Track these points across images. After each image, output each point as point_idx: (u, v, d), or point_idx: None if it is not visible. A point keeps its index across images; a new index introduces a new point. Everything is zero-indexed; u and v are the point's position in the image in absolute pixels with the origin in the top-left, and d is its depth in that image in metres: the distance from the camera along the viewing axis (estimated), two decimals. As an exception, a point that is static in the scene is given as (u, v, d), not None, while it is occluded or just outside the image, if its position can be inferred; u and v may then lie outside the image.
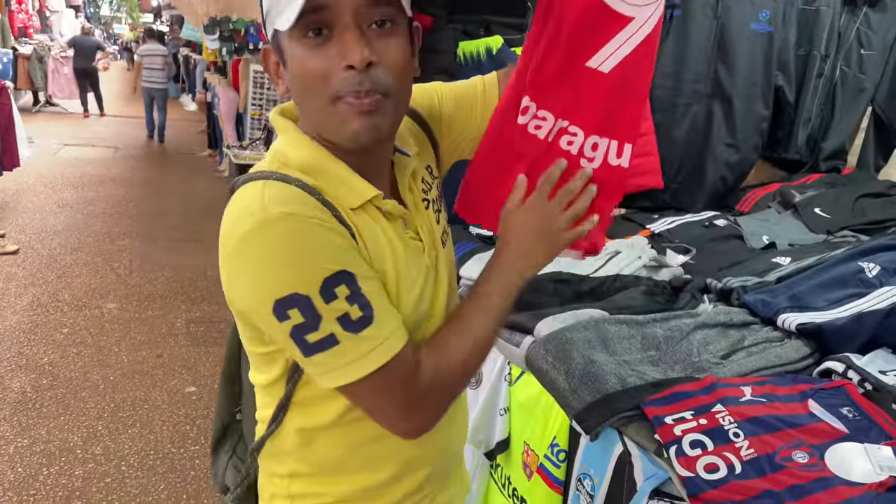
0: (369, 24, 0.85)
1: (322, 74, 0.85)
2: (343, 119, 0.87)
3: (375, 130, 0.88)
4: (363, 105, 0.86)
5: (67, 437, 3.14)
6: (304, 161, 0.92)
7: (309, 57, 0.85)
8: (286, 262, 0.82)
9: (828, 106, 2.78)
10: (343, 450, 1.02)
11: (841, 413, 1.24)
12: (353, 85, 0.84)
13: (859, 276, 1.69)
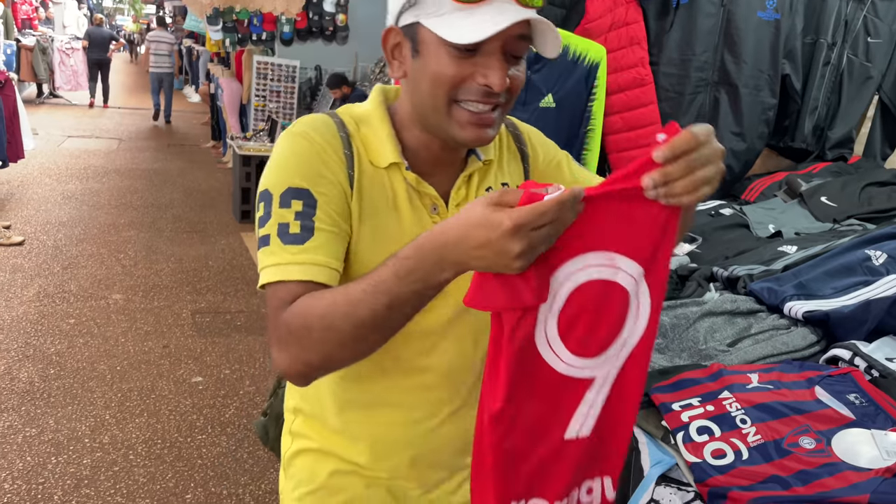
0: (510, 54, 0.94)
1: (456, 81, 0.93)
2: (460, 123, 0.96)
3: (485, 139, 0.98)
4: (482, 119, 0.95)
5: (75, 427, 3.15)
6: (361, 113, 1.05)
7: (452, 64, 0.92)
8: (275, 164, 0.97)
9: (834, 94, 2.77)
10: (330, 403, 1.11)
11: (848, 399, 1.24)
12: (480, 97, 0.93)
13: (866, 263, 1.69)
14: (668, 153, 0.76)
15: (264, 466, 2.99)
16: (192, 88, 15.60)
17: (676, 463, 1.20)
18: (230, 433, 3.21)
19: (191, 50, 14.75)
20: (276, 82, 8.54)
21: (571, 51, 2.27)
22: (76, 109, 12.79)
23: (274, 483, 2.89)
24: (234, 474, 2.92)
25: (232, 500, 2.77)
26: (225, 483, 2.86)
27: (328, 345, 0.87)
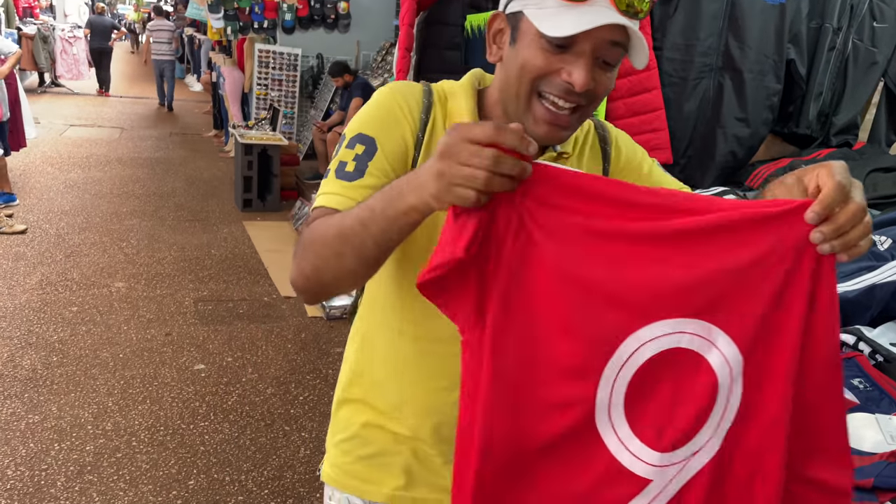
0: (601, 59, 0.96)
1: (542, 73, 0.97)
2: (536, 118, 0.99)
3: (557, 138, 1.02)
4: (559, 118, 0.98)
5: (78, 414, 3.16)
6: (451, 88, 1.12)
7: (542, 56, 0.96)
8: (358, 114, 1.07)
9: (839, 80, 2.75)
10: (375, 355, 1.18)
11: (852, 384, 1.23)
12: (563, 93, 0.96)
13: (871, 249, 1.68)
14: (821, 211, 0.74)
15: (267, 453, 3.00)
16: (194, 77, 15.55)
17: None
18: (233, 420, 3.22)
19: (192, 38, 14.70)
20: (277, 71, 8.52)
21: (574, 35, 2.26)
22: (78, 98, 12.77)
23: (276, 469, 2.90)
24: (237, 461, 2.93)
25: (234, 486, 2.78)
26: (227, 469, 2.87)
27: (316, 256, 0.96)
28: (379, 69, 8.35)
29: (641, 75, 2.42)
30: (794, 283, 0.76)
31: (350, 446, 1.20)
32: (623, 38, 0.96)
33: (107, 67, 13.41)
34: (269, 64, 8.48)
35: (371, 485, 1.18)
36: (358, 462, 1.19)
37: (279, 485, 2.81)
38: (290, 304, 4.61)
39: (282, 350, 3.95)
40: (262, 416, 3.28)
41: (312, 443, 3.10)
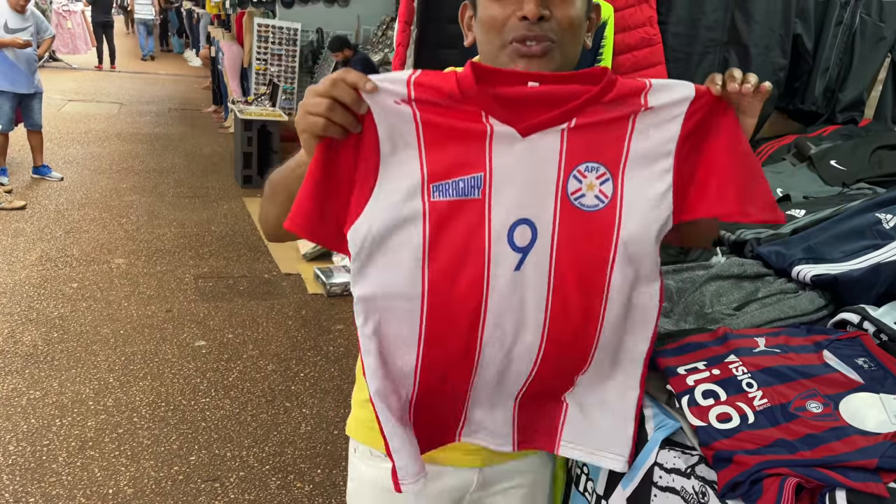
0: None
1: (501, 21, 1.03)
2: (511, 59, 1.03)
3: (538, 70, 1.02)
4: (531, 50, 1.02)
5: (79, 390, 3.17)
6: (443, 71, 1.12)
7: (494, 7, 1.04)
8: None
9: (846, 55, 2.71)
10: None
11: (856, 363, 1.22)
12: (522, 30, 1.01)
13: (876, 227, 1.66)
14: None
15: (268, 429, 3.01)
16: (193, 52, 15.41)
17: (681, 427, 1.19)
18: (234, 396, 3.23)
19: (191, 13, 14.55)
20: (277, 45, 8.43)
21: (578, 9, 2.21)
22: (76, 73, 12.67)
23: (277, 445, 2.91)
24: (238, 437, 2.94)
25: (236, 461, 2.79)
26: (229, 445, 2.88)
27: (263, 204, 1.15)
28: (379, 44, 8.26)
29: (646, 50, 2.38)
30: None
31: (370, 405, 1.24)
32: None
33: (111, 40, 13.40)
34: (269, 39, 8.39)
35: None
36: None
37: (280, 461, 2.82)
38: (291, 280, 4.60)
39: (282, 327, 3.95)
40: (262, 392, 3.29)
41: (313, 419, 3.11)
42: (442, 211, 0.94)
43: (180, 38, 17.84)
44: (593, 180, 0.96)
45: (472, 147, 0.93)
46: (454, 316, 0.99)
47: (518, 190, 0.95)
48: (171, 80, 13.09)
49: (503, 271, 0.97)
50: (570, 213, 0.96)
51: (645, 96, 0.95)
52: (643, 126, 0.95)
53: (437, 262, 0.96)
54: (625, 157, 0.96)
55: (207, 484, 2.65)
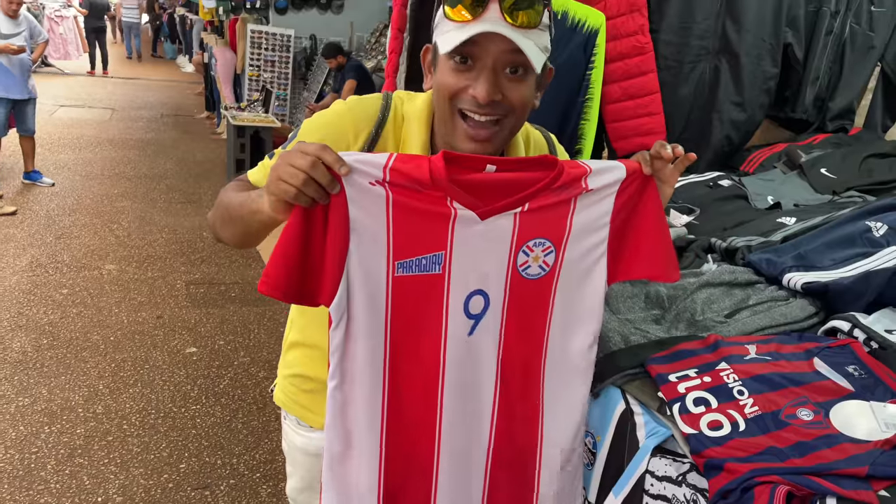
0: (504, 68, 1.07)
1: (454, 91, 1.09)
2: (461, 137, 1.11)
3: (483, 153, 1.10)
4: (478, 133, 1.09)
5: (69, 397, 3.15)
6: (410, 110, 1.21)
7: (452, 76, 1.09)
8: (307, 123, 1.21)
9: (836, 64, 2.72)
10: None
11: (847, 371, 1.23)
12: (474, 107, 1.08)
13: (866, 235, 1.67)
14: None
15: (259, 436, 2.99)
16: (186, 58, 15.40)
17: (672, 434, 1.19)
18: (224, 403, 3.21)
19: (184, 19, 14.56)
20: (270, 52, 8.43)
21: (570, 17, 2.22)
22: (68, 78, 12.63)
23: (268, 453, 2.89)
24: (229, 444, 2.92)
25: (226, 469, 2.77)
26: (219, 453, 2.86)
27: (214, 215, 1.20)
28: (373, 51, 8.27)
29: (637, 59, 2.39)
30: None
31: (296, 381, 1.40)
32: (520, 50, 1.04)
33: (103, 45, 13.42)
34: (262, 45, 8.39)
35: (312, 413, 1.38)
36: (302, 394, 1.39)
37: (271, 468, 2.81)
38: (283, 287, 4.59)
39: (274, 333, 3.93)
40: (254, 399, 3.27)
41: (304, 426, 3.10)
42: (404, 285, 1.05)
43: (173, 43, 17.83)
44: (539, 253, 1.09)
45: (436, 228, 1.04)
46: (414, 377, 1.10)
47: (474, 266, 1.07)
48: (163, 86, 13.07)
49: (458, 337, 1.09)
50: (517, 283, 1.10)
51: (585, 180, 1.07)
52: (583, 205, 1.09)
53: (397, 331, 1.07)
54: (567, 232, 1.09)
55: (197, 492, 2.63)
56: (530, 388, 1.17)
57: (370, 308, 1.05)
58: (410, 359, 1.09)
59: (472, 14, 1.04)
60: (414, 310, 1.07)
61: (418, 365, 1.10)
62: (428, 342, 1.09)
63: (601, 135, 2.50)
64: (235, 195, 1.13)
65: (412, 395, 1.11)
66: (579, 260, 1.12)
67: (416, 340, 1.09)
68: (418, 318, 1.08)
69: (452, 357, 1.10)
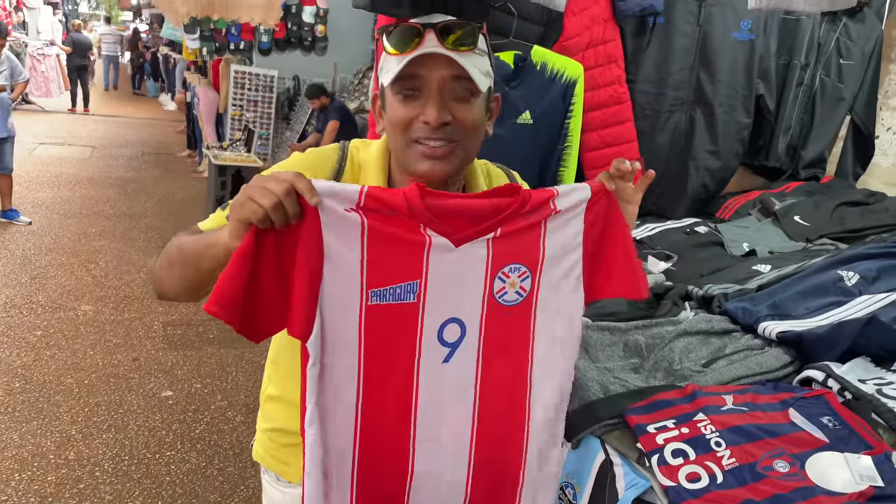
0: (450, 92, 1.11)
1: (406, 122, 1.12)
2: (417, 158, 1.13)
3: (441, 171, 1.14)
4: (434, 152, 1.12)
5: (40, 442, 3.07)
6: (365, 158, 1.24)
7: (401, 108, 1.13)
8: (275, 166, 1.17)
9: (807, 115, 2.80)
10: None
11: (821, 422, 1.24)
12: (427, 133, 1.11)
13: (839, 284, 1.71)
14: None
15: (234, 483, 2.94)
16: (168, 97, 15.45)
17: (652, 486, 1.19)
18: (200, 449, 3.15)
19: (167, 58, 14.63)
20: (253, 92, 8.49)
21: (549, 68, 2.27)
22: (49, 116, 12.60)
23: (244, 500, 2.84)
24: (204, 492, 2.86)
25: (201, 518, 2.71)
26: (194, 501, 2.80)
27: (159, 260, 1.15)
28: (356, 92, 8.36)
29: (615, 108, 2.45)
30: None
31: (275, 436, 1.39)
32: (462, 72, 1.10)
33: (85, 84, 13.46)
34: (245, 85, 8.45)
35: (291, 468, 1.37)
36: (281, 449, 1.38)
37: (247, 516, 2.75)
38: (262, 328, 4.54)
39: (252, 376, 3.88)
40: (230, 444, 3.21)
41: (282, 472, 3.04)
42: (378, 314, 1.04)
43: (156, 81, 17.90)
44: (515, 279, 1.10)
45: (411, 256, 1.03)
46: (386, 404, 1.09)
47: (449, 294, 1.07)
48: (145, 124, 13.08)
49: (432, 365, 1.09)
50: (494, 309, 1.10)
51: (553, 202, 1.09)
52: (553, 227, 1.10)
53: (370, 361, 1.06)
54: (542, 256, 1.10)
55: (171, 541, 2.57)
56: (514, 414, 1.15)
57: (343, 338, 1.04)
58: (383, 389, 1.08)
59: (410, 45, 1.09)
60: (387, 339, 1.06)
61: (391, 396, 1.09)
62: (400, 371, 1.08)
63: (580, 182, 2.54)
64: (186, 237, 1.12)
65: (385, 426, 1.10)
66: (557, 282, 1.12)
67: (387, 370, 1.07)
68: (391, 346, 1.07)
69: (426, 386, 1.09)
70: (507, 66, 2.21)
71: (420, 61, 1.09)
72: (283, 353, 1.35)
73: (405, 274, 1.03)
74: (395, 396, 1.09)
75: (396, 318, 1.05)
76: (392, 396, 1.09)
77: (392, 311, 1.05)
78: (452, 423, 1.13)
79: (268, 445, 1.41)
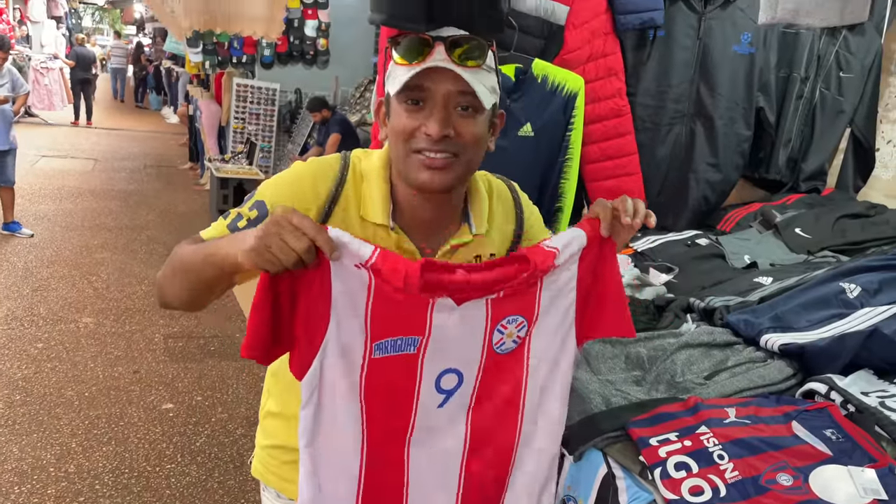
0: (455, 107, 1.12)
1: (409, 132, 1.13)
2: (417, 168, 1.14)
3: (440, 182, 1.15)
4: (434, 162, 1.13)
5: (40, 455, 3.06)
6: (367, 168, 1.24)
7: (405, 117, 1.13)
8: (270, 181, 1.23)
9: (808, 127, 2.81)
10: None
11: (825, 435, 1.24)
12: (428, 144, 1.12)
13: (840, 296, 1.70)
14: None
15: (235, 496, 2.92)
16: (171, 109, 15.52)
17: (654, 499, 1.19)
18: (200, 462, 3.14)
19: (170, 71, 14.70)
20: (255, 105, 8.52)
21: (550, 81, 2.28)
22: (51, 129, 12.65)
23: (245, 514, 2.82)
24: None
25: (201, 531, 2.70)
26: (194, 514, 2.79)
27: (163, 271, 1.17)
28: (357, 105, 8.39)
29: (615, 121, 2.45)
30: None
31: (276, 452, 1.38)
32: (467, 88, 1.11)
33: (88, 97, 13.55)
34: (247, 98, 8.49)
35: (291, 485, 1.30)
36: (281, 466, 1.37)
37: (247, 530, 2.74)
38: (263, 341, 4.54)
39: (253, 388, 3.88)
40: (230, 457, 3.20)
41: (282, 486, 3.03)
42: (379, 366, 1.07)
43: (158, 94, 17.98)
44: (513, 329, 1.13)
45: (415, 315, 1.06)
46: (387, 444, 1.12)
47: (450, 346, 1.09)
48: (147, 137, 13.13)
49: (427, 408, 1.12)
50: (492, 359, 1.13)
51: (553, 262, 1.11)
52: (550, 280, 1.13)
53: (370, 409, 1.09)
54: (538, 305, 1.13)
55: (170, 555, 2.55)
56: (502, 450, 1.19)
57: (345, 386, 1.06)
58: (380, 432, 1.11)
59: (418, 57, 1.11)
60: (386, 388, 1.09)
61: (387, 437, 1.12)
62: (397, 416, 1.11)
63: (581, 193, 2.54)
64: (188, 247, 1.13)
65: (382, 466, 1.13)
66: (552, 327, 1.15)
67: (385, 416, 1.10)
68: (390, 394, 1.09)
69: (421, 427, 1.13)
70: (509, 78, 2.22)
71: (427, 74, 1.10)
72: (283, 364, 1.34)
73: (408, 329, 1.07)
74: (391, 440, 1.13)
75: (397, 368, 1.08)
76: (388, 440, 1.13)
77: (393, 362, 1.08)
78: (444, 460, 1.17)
79: (268, 462, 1.40)
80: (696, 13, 2.52)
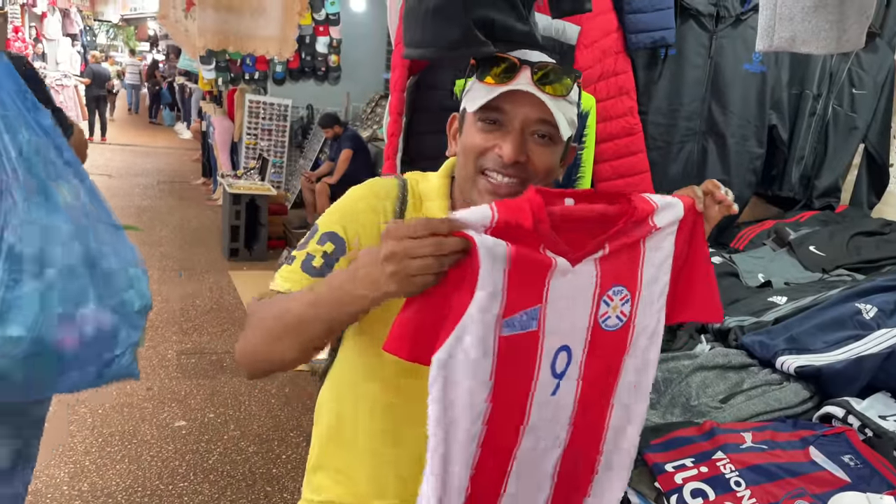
0: (532, 133, 1.10)
1: (480, 151, 1.11)
2: (480, 192, 1.11)
3: None
4: (500, 188, 1.10)
5: (53, 473, 3.07)
6: (427, 188, 1.22)
7: (479, 136, 1.11)
8: (334, 207, 1.17)
9: (821, 144, 2.80)
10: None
11: (842, 461, 1.23)
12: (498, 167, 1.09)
13: (857, 317, 1.69)
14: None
15: (247, 515, 2.92)
16: (184, 125, 15.67)
17: (670, 526, 1.18)
18: (213, 480, 3.14)
19: (183, 87, 14.87)
20: (267, 121, 8.59)
21: (562, 100, 2.29)
22: (66, 145, 12.79)
23: (257, 533, 2.82)
24: (217, 524, 2.85)
25: (213, 551, 2.70)
26: (206, 533, 2.79)
27: (253, 336, 1.06)
28: (368, 120, 8.45)
29: (626, 139, 2.45)
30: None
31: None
32: (549, 116, 1.08)
33: (102, 114, 13.74)
34: (260, 114, 8.57)
35: None
36: None
37: (259, 549, 2.73)
38: (275, 357, 4.54)
39: (265, 405, 3.88)
40: (243, 475, 3.20)
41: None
42: (508, 346, 0.95)
43: (172, 110, 18.17)
44: (618, 302, 1.03)
45: (536, 279, 0.95)
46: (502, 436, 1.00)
47: (563, 319, 0.98)
48: (161, 153, 13.25)
49: (541, 400, 1.01)
50: (597, 335, 1.02)
51: (652, 219, 1.02)
52: (650, 247, 1.04)
53: (496, 394, 0.96)
54: (640, 278, 1.03)
55: (183, 575, 2.55)
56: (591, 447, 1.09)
57: (475, 369, 0.93)
58: (499, 418, 0.98)
59: (503, 79, 1.09)
60: (512, 370, 0.96)
61: (504, 423, 1.00)
62: (513, 408, 0.99)
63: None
64: (283, 302, 1.02)
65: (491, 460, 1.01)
66: (649, 306, 1.05)
67: (505, 408, 0.98)
68: (512, 381, 0.97)
69: (534, 420, 1.01)
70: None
71: (509, 96, 1.08)
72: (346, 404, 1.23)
73: (529, 299, 0.95)
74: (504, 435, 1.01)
75: (521, 348, 0.96)
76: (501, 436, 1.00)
77: (518, 340, 0.96)
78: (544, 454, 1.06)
79: None
80: (707, 32, 2.52)
